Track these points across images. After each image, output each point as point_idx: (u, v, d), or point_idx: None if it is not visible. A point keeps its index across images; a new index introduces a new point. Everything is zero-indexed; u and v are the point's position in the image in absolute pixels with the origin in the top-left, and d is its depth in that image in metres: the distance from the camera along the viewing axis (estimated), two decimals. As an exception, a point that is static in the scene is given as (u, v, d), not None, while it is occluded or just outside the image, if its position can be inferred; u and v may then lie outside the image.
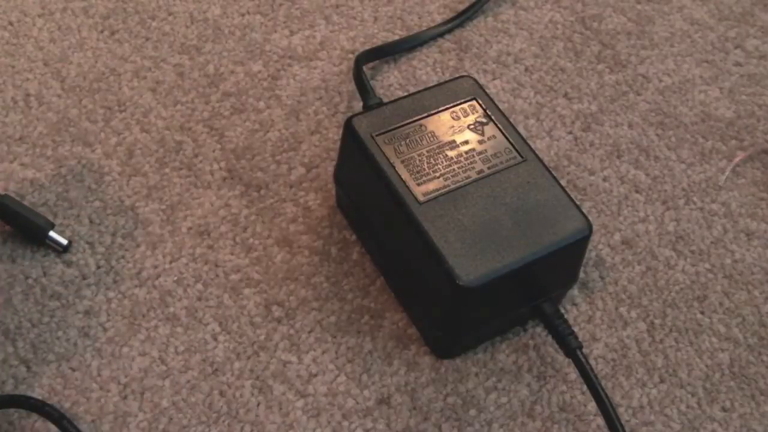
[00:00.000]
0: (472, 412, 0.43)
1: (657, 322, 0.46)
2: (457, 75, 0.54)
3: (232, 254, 0.47)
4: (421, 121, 0.45)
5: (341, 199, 0.48)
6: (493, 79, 0.55)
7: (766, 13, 0.61)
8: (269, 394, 0.42)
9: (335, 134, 0.52)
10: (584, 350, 0.42)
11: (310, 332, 0.44)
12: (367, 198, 0.46)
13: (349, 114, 0.48)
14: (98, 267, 0.46)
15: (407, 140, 0.44)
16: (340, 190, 0.48)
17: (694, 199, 0.51)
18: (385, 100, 0.51)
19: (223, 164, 0.50)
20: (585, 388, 0.43)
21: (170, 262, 0.46)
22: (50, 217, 0.47)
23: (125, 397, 0.42)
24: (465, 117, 0.45)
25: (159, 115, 0.52)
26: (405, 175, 0.43)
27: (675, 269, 0.48)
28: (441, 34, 0.57)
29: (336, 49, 0.56)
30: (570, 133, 0.53)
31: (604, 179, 0.51)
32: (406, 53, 0.56)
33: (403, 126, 0.45)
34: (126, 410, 0.41)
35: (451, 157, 0.44)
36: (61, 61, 0.54)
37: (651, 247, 0.49)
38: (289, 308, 0.45)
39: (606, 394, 0.41)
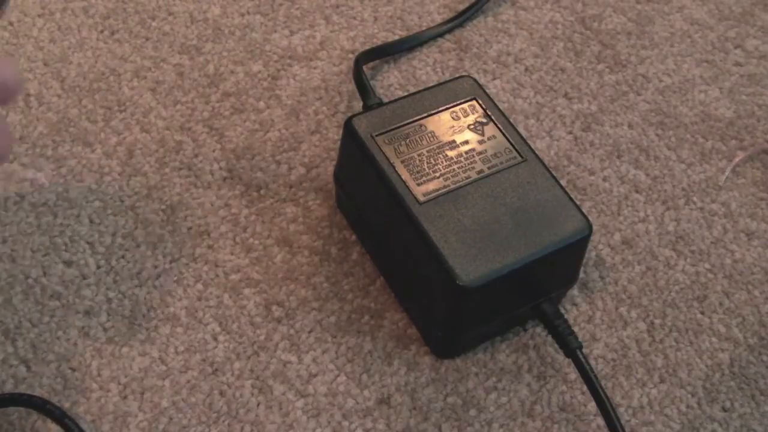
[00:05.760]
0: (472, 412, 0.43)
1: (657, 322, 0.46)
2: (457, 75, 0.54)
3: (232, 254, 0.47)
4: (421, 121, 0.45)
5: (341, 199, 0.48)
6: (493, 79, 0.55)
7: (766, 13, 0.61)
8: (269, 394, 0.42)
9: (335, 134, 0.52)
10: (584, 350, 0.42)
11: (310, 332, 0.44)
12: (367, 198, 0.46)
13: (349, 114, 0.48)
14: (98, 267, 0.46)
15: (407, 140, 0.44)
16: (340, 190, 0.48)
17: (694, 199, 0.51)
18: (385, 100, 0.51)
19: (223, 164, 0.50)
20: (585, 388, 0.43)
21: (170, 262, 0.46)
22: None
23: (125, 397, 0.42)
24: (465, 117, 0.45)
25: (159, 115, 0.52)
26: (405, 175, 0.43)
27: (675, 269, 0.48)
28: (441, 34, 0.57)
29: (336, 49, 0.56)
30: (570, 133, 0.53)
31: (604, 179, 0.51)
32: (406, 53, 0.56)
33: (403, 126, 0.45)
34: (126, 410, 0.41)
35: (451, 157, 0.44)
36: (61, 61, 0.54)
37: (651, 247, 0.49)
38: (289, 308, 0.45)
39: (606, 394, 0.41)
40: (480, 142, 0.44)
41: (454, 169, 0.43)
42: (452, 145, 0.44)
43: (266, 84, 0.54)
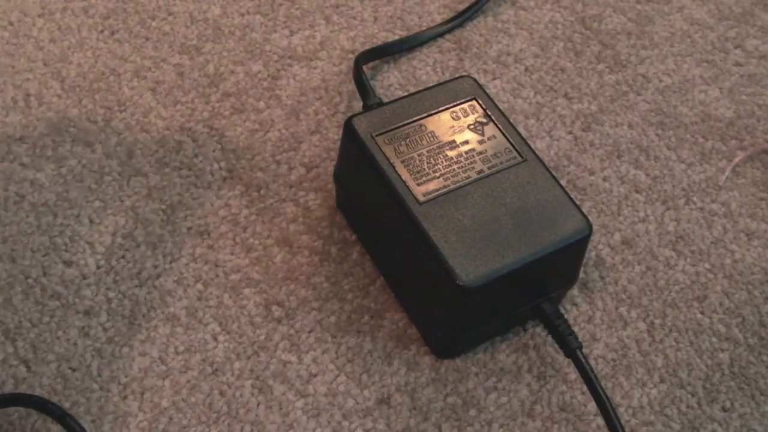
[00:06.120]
0: (472, 412, 0.43)
1: (657, 322, 0.46)
2: (457, 75, 0.54)
3: (232, 254, 0.47)
4: (421, 121, 0.45)
5: (341, 199, 0.48)
6: (493, 79, 0.55)
7: (766, 13, 0.61)
8: (269, 394, 0.42)
9: (335, 134, 0.52)
10: (584, 350, 0.42)
11: (310, 332, 0.44)
12: (367, 198, 0.46)
13: (349, 114, 0.48)
14: (98, 267, 0.46)
15: (407, 140, 0.44)
16: (340, 190, 0.48)
17: (694, 199, 0.51)
18: (385, 100, 0.51)
19: (223, 164, 0.50)
20: (585, 388, 0.43)
21: (170, 262, 0.46)
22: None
23: (125, 397, 0.42)
24: (465, 117, 0.45)
25: (159, 115, 0.52)
26: (405, 175, 0.43)
27: (675, 269, 0.48)
28: (441, 34, 0.57)
29: (336, 49, 0.56)
30: (570, 133, 0.53)
31: (604, 179, 0.51)
32: (406, 53, 0.56)
33: (403, 126, 0.45)
34: (126, 410, 0.41)
35: (451, 157, 0.44)
36: (61, 61, 0.54)
37: (651, 247, 0.49)
38: (289, 308, 0.45)
39: (606, 394, 0.41)
40: (480, 142, 0.44)
41: (454, 169, 0.43)
42: (452, 145, 0.44)
43: (266, 84, 0.54)
